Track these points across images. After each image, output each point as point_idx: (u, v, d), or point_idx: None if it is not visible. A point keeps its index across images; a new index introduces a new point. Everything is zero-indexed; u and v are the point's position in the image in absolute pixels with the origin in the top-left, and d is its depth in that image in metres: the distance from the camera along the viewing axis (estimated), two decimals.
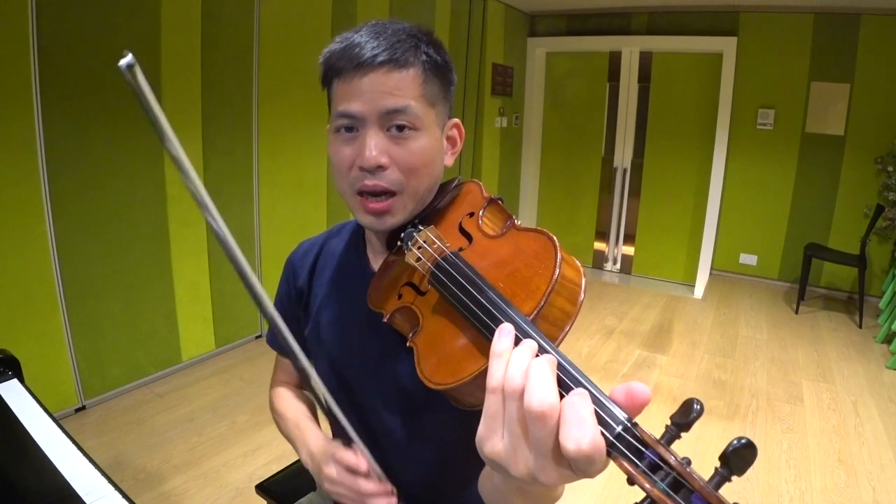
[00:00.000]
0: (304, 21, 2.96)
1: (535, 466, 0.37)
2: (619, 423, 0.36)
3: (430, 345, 0.55)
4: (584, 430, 0.34)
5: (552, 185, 5.27)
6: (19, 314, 2.06)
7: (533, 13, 4.97)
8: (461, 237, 0.62)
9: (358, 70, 0.62)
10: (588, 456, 0.34)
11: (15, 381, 1.07)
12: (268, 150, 2.91)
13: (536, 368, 0.38)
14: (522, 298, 0.48)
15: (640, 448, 0.34)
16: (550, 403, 0.35)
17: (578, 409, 0.35)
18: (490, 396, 0.40)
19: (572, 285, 0.48)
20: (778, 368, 3.11)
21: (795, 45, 4.19)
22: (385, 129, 0.64)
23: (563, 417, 0.35)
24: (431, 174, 0.68)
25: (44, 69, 1.98)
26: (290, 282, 0.88)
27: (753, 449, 0.32)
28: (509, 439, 0.38)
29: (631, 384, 0.37)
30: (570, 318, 0.47)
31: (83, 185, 2.18)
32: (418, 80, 0.64)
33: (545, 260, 0.49)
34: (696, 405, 0.34)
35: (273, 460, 2.08)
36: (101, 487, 0.80)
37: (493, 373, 0.40)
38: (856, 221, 4.15)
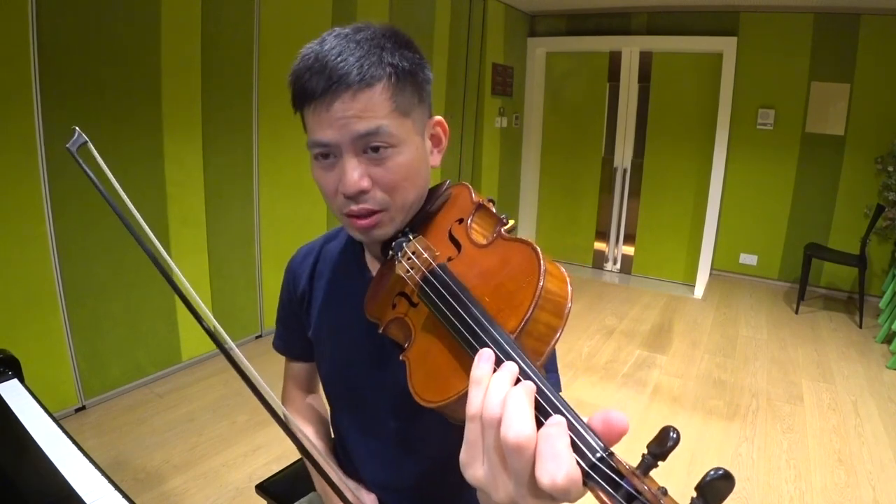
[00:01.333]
0: (304, 21, 2.96)
1: (516, 494, 0.37)
2: (595, 452, 0.35)
3: (419, 360, 0.53)
4: (558, 464, 0.34)
5: (552, 185, 5.27)
6: (19, 314, 2.06)
7: (533, 13, 4.97)
8: (451, 246, 0.61)
9: (324, 97, 0.60)
10: (563, 489, 0.33)
11: (15, 381, 1.07)
12: (268, 150, 2.91)
13: (514, 398, 0.37)
14: (507, 315, 0.46)
15: (616, 479, 0.34)
16: (527, 435, 0.35)
17: (554, 441, 0.35)
18: (469, 424, 0.40)
19: (557, 298, 0.47)
20: (778, 368, 3.11)
21: (795, 45, 4.19)
22: (362, 152, 0.62)
23: (539, 450, 0.35)
24: (416, 184, 0.66)
25: (44, 69, 1.98)
26: (290, 289, 0.88)
27: (731, 480, 0.31)
28: (489, 467, 0.38)
29: (609, 413, 0.37)
30: (556, 332, 0.46)
31: (83, 185, 2.17)
32: (387, 93, 0.61)
33: (529, 273, 0.48)
34: (673, 433, 0.33)
35: (273, 460, 2.08)
36: (101, 487, 0.80)
37: (471, 400, 0.40)
38: (856, 221, 4.15)
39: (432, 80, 0.69)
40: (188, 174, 2.58)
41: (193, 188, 2.61)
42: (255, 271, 2.97)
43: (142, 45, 2.30)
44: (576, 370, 3.00)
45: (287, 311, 0.90)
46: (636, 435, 2.41)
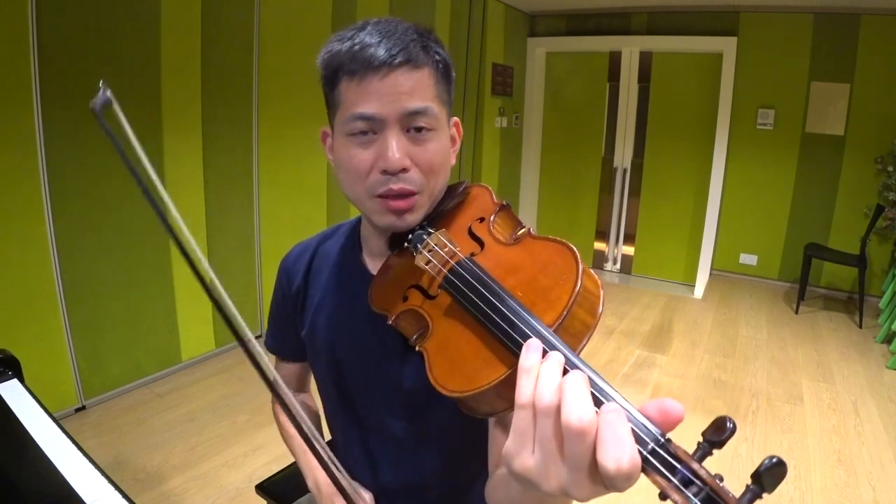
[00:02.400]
0: (304, 21, 2.96)
1: (569, 482, 0.37)
2: (653, 438, 0.36)
3: (442, 350, 0.54)
4: (623, 449, 0.34)
5: (552, 185, 5.27)
6: (19, 314, 2.06)
7: (533, 13, 4.97)
8: (472, 242, 0.62)
9: (376, 71, 0.60)
10: (627, 474, 0.34)
11: (15, 381, 1.07)
12: (268, 150, 2.91)
13: (572, 384, 0.37)
14: (543, 308, 0.47)
15: (674, 463, 0.34)
16: (589, 420, 0.35)
17: (616, 426, 0.35)
18: (520, 412, 0.40)
19: (593, 297, 0.48)
20: (778, 368, 3.11)
21: (795, 45, 4.19)
22: (405, 131, 0.63)
23: (600, 436, 0.35)
24: (446, 173, 0.68)
25: (44, 69, 1.98)
26: (283, 286, 0.88)
27: (784, 467, 0.33)
28: (541, 456, 0.38)
29: (664, 401, 0.37)
30: (589, 330, 0.47)
31: (83, 185, 2.18)
32: (432, 80, 0.64)
33: (566, 270, 0.49)
34: (729, 423, 0.34)
35: (273, 460, 2.08)
36: (101, 487, 0.80)
37: (522, 389, 0.40)
38: (856, 221, 4.15)
39: (454, 82, 0.71)
40: (188, 174, 2.58)
41: (193, 188, 2.61)
42: (255, 271, 2.97)
43: (142, 45, 2.30)
44: None
45: (280, 310, 0.89)
46: None
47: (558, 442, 0.37)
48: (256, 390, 2.54)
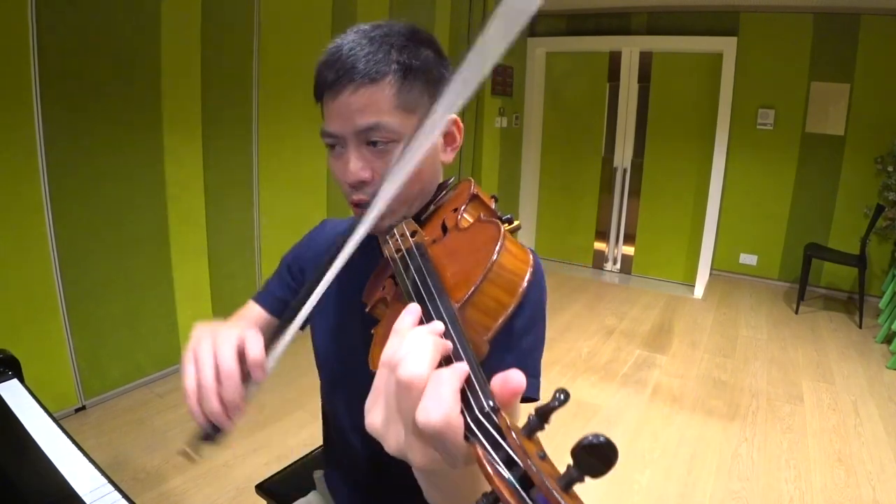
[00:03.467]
0: (304, 21, 2.96)
1: (404, 443, 0.37)
2: (482, 408, 0.34)
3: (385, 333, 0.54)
4: (437, 403, 0.33)
5: (552, 185, 5.27)
6: (19, 314, 2.06)
7: None
8: (439, 231, 0.63)
9: (332, 89, 0.63)
10: (438, 431, 0.33)
11: (15, 381, 1.07)
12: (268, 150, 2.91)
13: (416, 341, 0.37)
14: (460, 287, 0.47)
15: (498, 438, 0.32)
16: (418, 374, 0.35)
17: (441, 382, 0.34)
18: (379, 370, 0.40)
19: (511, 275, 0.47)
20: (778, 368, 3.11)
21: (795, 45, 4.19)
22: (364, 144, 0.65)
23: (425, 389, 0.34)
24: (420, 180, 0.68)
25: (44, 69, 1.98)
26: (302, 252, 0.89)
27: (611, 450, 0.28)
28: (385, 412, 0.38)
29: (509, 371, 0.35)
30: (505, 309, 0.46)
31: (83, 185, 2.18)
32: (392, 89, 0.63)
33: (487, 248, 0.49)
34: (560, 394, 0.31)
35: (273, 460, 2.08)
36: (101, 487, 0.80)
37: (386, 349, 0.40)
38: (856, 221, 4.15)
39: None
40: (188, 174, 2.58)
41: (193, 188, 2.61)
42: (255, 271, 2.97)
43: (142, 45, 2.30)
44: (576, 370, 3.00)
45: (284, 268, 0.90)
46: (636, 435, 2.40)
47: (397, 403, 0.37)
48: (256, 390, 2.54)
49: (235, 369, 0.53)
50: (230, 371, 0.53)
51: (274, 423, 2.33)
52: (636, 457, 2.23)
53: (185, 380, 0.55)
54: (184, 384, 0.55)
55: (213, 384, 0.53)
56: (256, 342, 0.55)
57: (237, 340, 0.55)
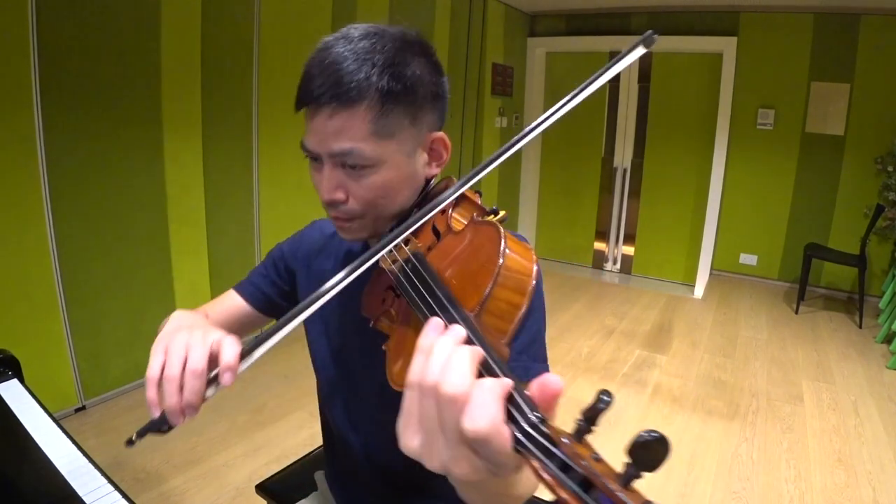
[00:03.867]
0: (304, 21, 2.96)
1: (448, 458, 0.36)
2: (528, 420, 0.34)
3: (397, 348, 0.54)
4: (484, 410, 0.33)
5: (552, 185, 5.27)
6: (19, 314, 2.06)
7: (533, 13, 4.97)
8: (432, 236, 0.62)
9: (309, 107, 0.62)
10: (486, 437, 0.33)
11: (15, 381, 1.07)
12: (268, 150, 2.91)
13: (455, 356, 0.37)
14: (470, 294, 0.47)
15: (549, 447, 0.32)
16: (462, 387, 0.35)
17: (485, 390, 0.34)
18: (409, 391, 0.39)
19: (518, 275, 0.47)
20: (778, 368, 3.11)
21: (795, 45, 4.19)
22: (340, 166, 0.63)
23: (469, 399, 0.35)
24: (395, 200, 0.67)
25: (44, 69, 1.98)
26: (292, 251, 0.89)
27: (664, 444, 0.29)
28: (424, 434, 0.38)
29: (544, 376, 0.36)
30: (518, 309, 0.46)
31: (83, 185, 2.18)
32: (369, 115, 0.60)
33: (490, 252, 0.48)
34: (605, 396, 0.32)
35: (273, 460, 2.08)
36: (101, 487, 0.80)
37: (412, 368, 0.39)
38: (856, 221, 4.15)
39: (445, 91, 0.68)
40: (188, 174, 2.58)
41: (193, 188, 2.61)
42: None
43: (142, 45, 2.30)
44: (576, 370, 3.00)
45: (271, 263, 0.90)
46: None
47: (440, 419, 0.37)
48: (257, 390, 2.54)
49: (204, 370, 0.53)
50: (198, 370, 0.53)
51: (274, 423, 2.33)
52: None
53: (150, 367, 0.55)
54: (147, 371, 0.55)
55: (178, 379, 0.53)
56: (233, 349, 0.55)
57: (213, 343, 0.55)
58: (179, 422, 0.55)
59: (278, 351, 0.96)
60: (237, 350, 0.55)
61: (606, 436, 0.32)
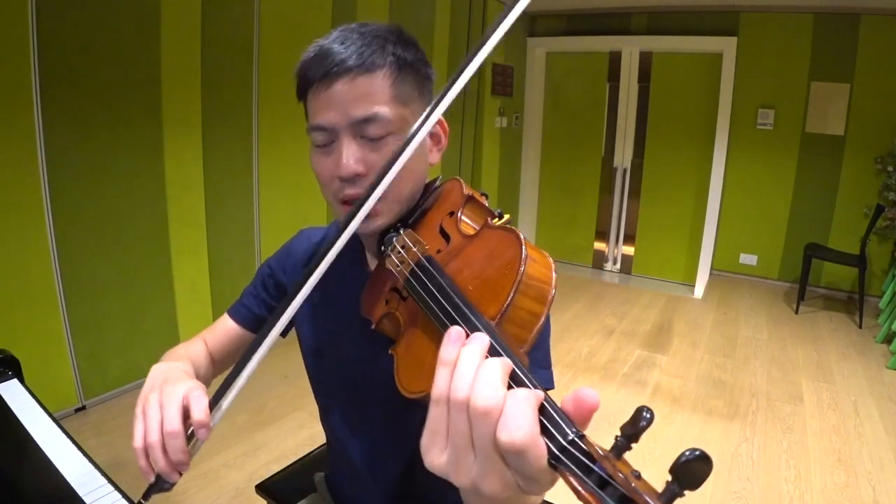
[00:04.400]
0: (304, 21, 2.96)
1: (478, 473, 0.35)
2: (565, 435, 0.33)
3: (407, 353, 0.53)
4: (519, 422, 0.33)
5: (552, 185, 5.27)
6: (19, 314, 2.06)
7: (533, 13, 4.97)
8: (440, 239, 0.61)
9: (325, 80, 0.62)
10: (520, 449, 0.32)
11: (15, 381, 1.07)
12: (268, 150, 2.91)
13: (485, 369, 0.36)
14: (489, 302, 0.46)
15: (587, 462, 0.32)
16: (495, 399, 0.34)
17: (519, 401, 0.34)
18: (433, 407, 0.38)
19: (539, 284, 0.46)
20: (778, 368, 3.11)
21: (795, 45, 4.19)
22: (359, 137, 0.63)
23: (503, 409, 0.34)
24: (413, 176, 0.66)
25: (44, 69, 1.98)
26: (281, 265, 0.87)
27: (707, 462, 0.30)
28: (452, 451, 0.37)
29: (579, 391, 0.35)
30: (538, 318, 0.46)
31: (83, 184, 2.18)
32: (388, 81, 0.62)
33: (510, 259, 0.47)
34: (646, 413, 0.32)
35: (273, 460, 2.08)
36: (102, 487, 0.80)
37: (437, 382, 0.38)
38: (856, 221, 4.15)
39: (434, 80, 0.70)
40: (188, 174, 2.58)
41: (193, 188, 2.61)
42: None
43: (142, 45, 2.30)
44: (576, 370, 3.00)
45: (262, 277, 0.89)
46: None
47: (469, 433, 0.36)
48: (256, 390, 2.54)
49: (180, 430, 0.54)
50: (174, 431, 0.54)
51: (274, 423, 2.33)
52: (636, 457, 2.22)
53: (134, 437, 0.56)
54: (133, 441, 0.56)
55: (160, 443, 0.54)
56: (200, 403, 0.55)
57: (182, 399, 0.56)
58: (176, 479, 0.56)
59: (278, 351, 0.96)
60: (205, 403, 0.55)
61: (606, 437, 0.31)
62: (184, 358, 0.77)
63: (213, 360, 0.85)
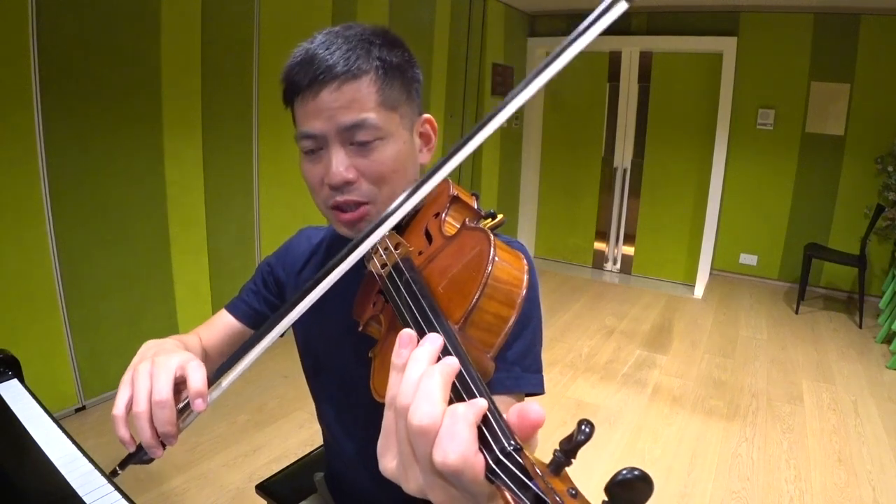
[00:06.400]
0: (303, 21, 2.96)
1: (424, 484, 0.35)
2: (502, 447, 0.32)
3: (382, 356, 0.52)
4: (452, 443, 0.32)
5: (552, 185, 5.27)
6: (19, 314, 2.06)
7: (533, 13, 4.97)
8: (423, 240, 0.60)
9: (311, 88, 0.61)
10: (456, 470, 0.31)
11: (15, 381, 1.07)
12: (268, 150, 2.91)
13: (426, 381, 0.35)
14: (456, 304, 0.44)
15: (523, 478, 0.30)
16: (431, 418, 0.33)
17: (457, 419, 0.32)
18: (386, 412, 0.37)
19: (507, 287, 0.45)
20: (778, 368, 3.11)
21: (795, 45, 4.19)
22: (348, 144, 0.63)
23: (440, 429, 0.33)
24: (404, 178, 0.66)
25: (44, 69, 1.98)
26: (281, 263, 0.87)
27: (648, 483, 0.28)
28: (400, 458, 0.36)
29: (525, 404, 0.34)
30: (506, 322, 0.44)
31: (83, 185, 2.18)
32: (374, 86, 0.62)
33: (478, 261, 0.46)
34: (585, 427, 0.30)
35: (273, 460, 2.08)
36: (101, 487, 0.80)
37: (389, 386, 0.37)
38: (856, 221, 4.15)
39: (422, 81, 0.70)
40: (188, 174, 2.58)
41: (193, 188, 2.61)
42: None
43: (142, 45, 2.30)
44: (576, 370, 3.00)
45: (262, 275, 0.89)
46: (636, 435, 2.40)
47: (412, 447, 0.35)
48: (256, 390, 2.54)
49: (169, 399, 0.51)
50: (163, 400, 0.51)
51: (274, 423, 2.33)
52: (636, 457, 2.23)
53: (116, 404, 0.53)
54: (113, 408, 0.53)
55: (147, 412, 0.51)
56: (199, 372, 0.53)
57: (176, 369, 0.53)
58: (159, 454, 0.53)
59: (278, 351, 0.96)
60: (203, 373, 0.53)
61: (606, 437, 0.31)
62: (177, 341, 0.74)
63: (207, 355, 0.85)
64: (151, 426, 0.51)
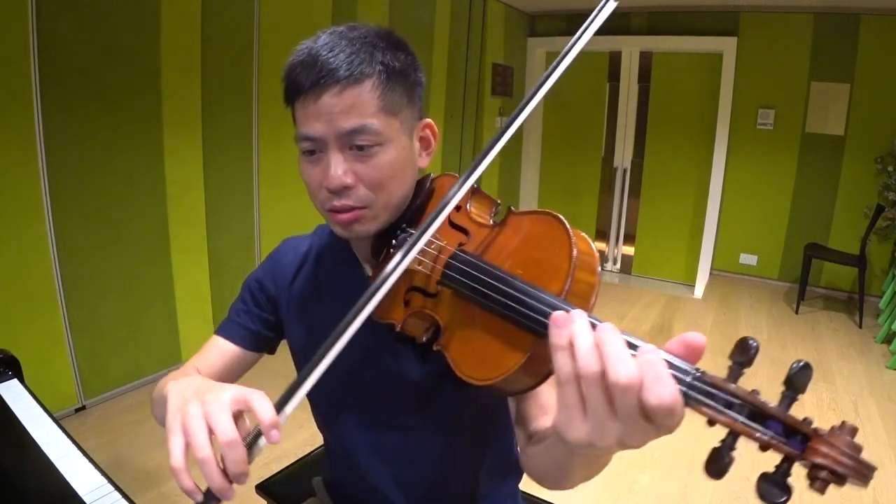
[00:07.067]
0: (304, 21, 2.96)
1: (624, 433, 0.39)
2: (688, 374, 0.38)
3: (461, 345, 0.55)
4: (664, 385, 0.36)
5: (552, 185, 5.27)
6: (19, 314, 2.06)
7: (533, 13, 4.97)
8: (456, 232, 0.62)
9: (312, 91, 0.61)
10: (669, 408, 0.36)
11: (15, 381, 1.07)
12: (268, 149, 2.91)
13: (609, 344, 0.39)
14: (547, 280, 0.49)
15: (712, 391, 0.37)
16: (636, 373, 0.37)
17: (654, 366, 0.37)
18: (563, 389, 0.40)
19: (589, 257, 0.50)
20: (778, 368, 3.11)
21: (795, 45, 4.19)
22: (347, 148, 0.62)
23: (643, 378, 0.37)
24: (402, 184, 0.66)
25: (44, 68, 1.98)
26: (269, 279, 0.85)
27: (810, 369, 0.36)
28: (594, 420, 0.39)
29: (685, 336, 0.40)
30: (594, 289, 0.49)
31: (83, 184, 2.18)
32: (376, 91, 0.61)
33: (558, 239, 0.51)
34: (752, 342, 0.38)
35: (273, 460, 2.07)
36: (101, 487, 0.80)
37: (561, 366, 0.40)
38: (856, 221, 4.15)
39: (424, 84, 0.70)
40: (188, 174, 2.58)
41: (193, 187, 2.61)
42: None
43: (142, 45, 2.30)
44: None
45: (250, 293, 0.86)
46: None
47: (608, 403, 0.38)
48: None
49: (238, 438, 0.48)
50: (234, 440, 0.48)
51: None
52: (636, 457, 2.23)
53: (172, 454, 0.48)
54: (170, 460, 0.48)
55: (212, 456, 0.48)
56: (266, 402, 0.49)
57: (231, 404, 0.49)
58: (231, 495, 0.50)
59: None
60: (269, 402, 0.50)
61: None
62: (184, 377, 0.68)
63: None
64: (220, 470, 0.49)
